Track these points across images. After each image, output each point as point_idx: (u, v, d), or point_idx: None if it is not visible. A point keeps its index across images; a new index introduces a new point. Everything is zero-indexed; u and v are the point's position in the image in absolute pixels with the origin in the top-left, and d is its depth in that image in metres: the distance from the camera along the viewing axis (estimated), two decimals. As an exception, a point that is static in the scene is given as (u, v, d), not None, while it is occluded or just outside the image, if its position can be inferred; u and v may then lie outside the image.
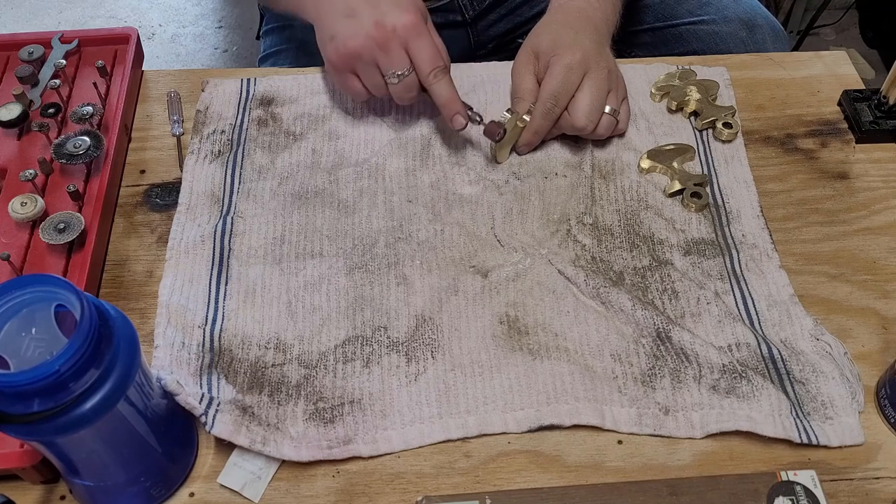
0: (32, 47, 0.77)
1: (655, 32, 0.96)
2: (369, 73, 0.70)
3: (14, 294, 0.46)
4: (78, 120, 0.71)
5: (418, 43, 0.68)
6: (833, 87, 0.81)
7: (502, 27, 1.00)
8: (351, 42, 0.68)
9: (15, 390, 0.42)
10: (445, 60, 0.70)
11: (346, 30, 0.69)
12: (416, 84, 0.70)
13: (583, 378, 0.60)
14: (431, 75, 0.69)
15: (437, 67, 0.69)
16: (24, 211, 0.65)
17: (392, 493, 0.56)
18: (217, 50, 2.03)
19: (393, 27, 0.67)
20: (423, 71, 0.69)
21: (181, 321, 0.62)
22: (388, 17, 0.67)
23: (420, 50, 0.68)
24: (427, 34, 0.69)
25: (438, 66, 0.69)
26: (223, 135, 0.76)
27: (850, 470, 0.57)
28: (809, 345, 0.62)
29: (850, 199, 0.72)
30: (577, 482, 0.56)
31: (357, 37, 0.68)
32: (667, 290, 0.65)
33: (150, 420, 0.51)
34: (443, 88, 0.69)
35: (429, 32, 0.69)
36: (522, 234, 0.69)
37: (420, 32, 0.68)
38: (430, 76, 0.69)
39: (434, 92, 0.70)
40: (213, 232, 0.68)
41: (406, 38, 0.68)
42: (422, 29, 0.68)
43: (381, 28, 0.67)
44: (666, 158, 0.74)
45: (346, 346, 0.62)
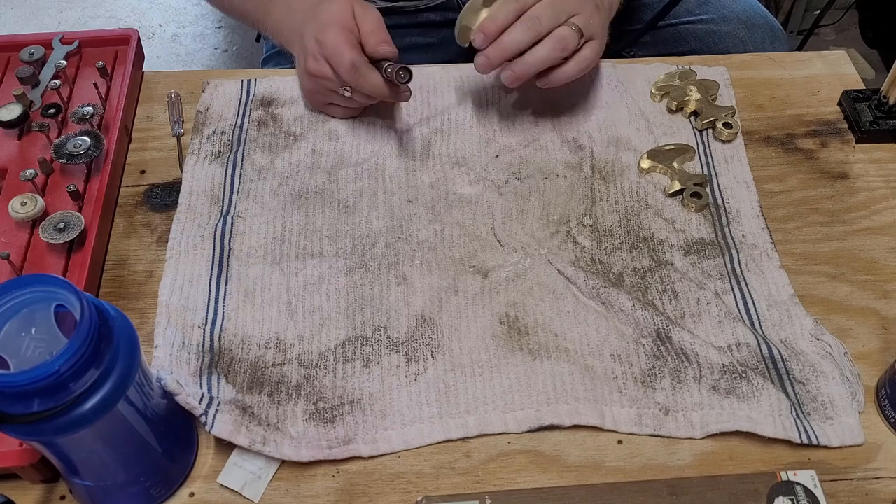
0: (33, 48, 0.78)
1: (654, 31, 0.96)
2: (332, 97, 0.74)
3: (14, 294, 0.46)
4: (78, 120, 0.71)
5: (328, 53, 0.69)
6: (833, 87, 0.81)
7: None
8: (303, 84, 0.75)
9: (15, 390, 0.42)
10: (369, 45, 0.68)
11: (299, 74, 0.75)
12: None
13: (583, 378, 0.60)
14: (349, 78, 0.69)
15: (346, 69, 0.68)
16: (24, 211, 0.65)
17: (392, 493, 0.56)
18: (217, 50, 2.03)
19: (312, 54, 0.70)
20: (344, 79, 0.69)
21: (181, 321, 0.62)
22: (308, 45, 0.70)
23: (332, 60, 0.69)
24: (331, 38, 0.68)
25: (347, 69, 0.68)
26: (223, 135, 0.76)
27: (850, 470, 0.57)
28: (809, 345, 0.62)
29: (850, 199, 0.72)
30: (577, 482, 0.56)
31: (303, 77, 0.74)
32: (667, 290, 0.65)
33: (150, 420, 0.51)
34: (367, 86, 0.69)
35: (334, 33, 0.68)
36: (522, 234, 0.69)
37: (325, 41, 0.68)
38: (349, 80, 0.69)
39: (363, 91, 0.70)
40: (213, 232, 0.68)
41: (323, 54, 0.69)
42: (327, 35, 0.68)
43: (309, 59, 0.71)
44: (666, 158, 0.74)
45: (346, 346, 0.62)
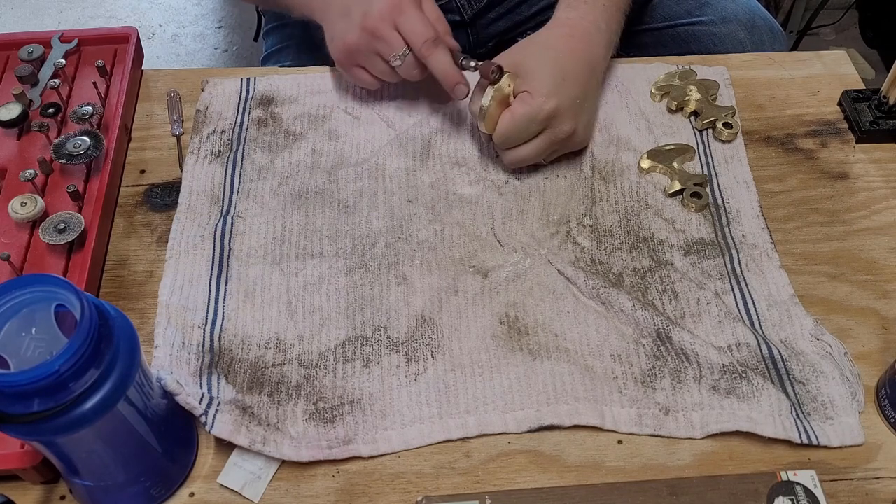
0: (32, 47, 0.77)
1: (654, 33, 0.96)
2: (373, 62, 0.72)
3: (14, 294, 0.46)
4: (78, 120, 0.71)
5: (405, 20, 0.69)
6: (833, 87, 0.81)
7: (501, 26, 1.00)
8: (348, 38, 0.71)
9: (15, 390, 0.42)
10: (439, 30, 0.70)
11: (342, 28, 0.71)
12: (417, 63, 0.70)
13: (583, 378, 0.60)
14: (424, 48, 0.69)
15: (426, 40, 0.68)
16: (24, 211, 0.65)
17: (392, 493, 0.56)
18: (217, 50, 2.03)
19: (379, 14, 0.69)
20: (415, 47, 0.69)
21: (181, 321, 0.62)
22: (374, 5, 0.69)
23: (407, 27, 0.69)
24: (412, 9, 0.69)
25: (428, 39, 0.68)
26: (223, 134, 0.76)
27: (850, 470, 0.57)
28: (809, 345, 0.62)
29: (850, 199, 0.72)
30: (577, 482, 0.56)
31: (351, 32, 0.71)
32: (667, 290, 0.65)
33: (150, 420, 0.51)
34: (437, 61, 0.69)
35: (414, 6, 0.69)
36: (522, 234, 0.69)
37: (403, 9, 0.68)
38: (422, 50, 0.69)
39: (430, 66, 0.70)
40: (213, 232, 0.68)
41: (393, 19, 0.69)
42: (405, 5, 0.69)
43: (369, 17, 0.69)
44: (666, 158, 0.74)
45: (346, 346, 0.62)
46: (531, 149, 0.69)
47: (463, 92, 0.70)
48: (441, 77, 0.70)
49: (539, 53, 0.70)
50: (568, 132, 0.69)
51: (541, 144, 0.69)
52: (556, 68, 0.68)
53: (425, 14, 0.70)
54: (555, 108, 0.67)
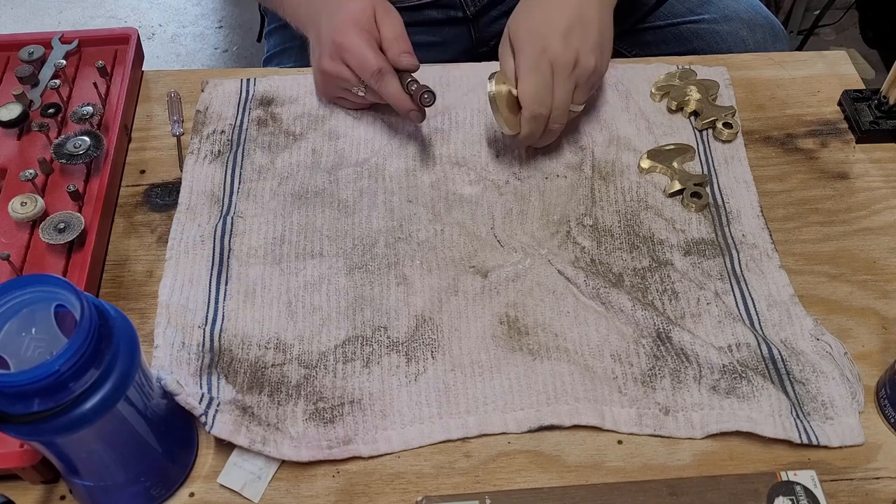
0: (32, 47, 0.77)
1: (656, 31, 0.96)
2: (344, 94, 0.75)
3: (14, 294, 0.46)
4: (78, 120, 0.71)
5: (348, 57, 0.70)
6: (833, 87, 0.81)
7: (503, 24, 0.99)
8: (315, 77, 0.76)
9: (15, 390, 0.42)
10: (392, 53, 0.70)
11: (313, 68, 0.76)
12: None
13: (583, 378, 0.60)
14: (372, 82, 0.70)
15: (371, 74, 0.69)
16: (24, 211, 0.65)
17: (392, 493, 0.56)
18: (217, 50, 2.03)
19: (329, 55, 0.71)
20: (365, 81, 0.71)
21: (181, 321, 0.62)
22: (324, 45, 0.71)
23: (353, 63, 0.70)
24: (354, 45, 0.69)
25: (373, 72, 0.69)
26: (223, 135, 0.76)
27: (850, 470, 0.57)
28: (809, 345, 0.62)
29: (850, 199, 0.72)
30: (577, 482, 0.56)
31: (317, 73, 0.75)
32: (667, 290, 0.65)
33: (150, 420, 0.51)
34: (385, 90, 0.70)
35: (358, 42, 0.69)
36: (522, 234, 0.69)
37: (345, 48, 0.69)
38: (370, 83, 0.70)
39: (382, 96, 0.71)
40: (213, 232, 0.68)
41: (341, 57, 0.70)
42: (347, 43, 0.69)
43: (323, 59, 0.72)
44: (666, 158, 0.74)
45: (346, 346, 0.62)
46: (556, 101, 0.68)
47: (417, 118, 0.72)
48: (394, 105, 0.71)
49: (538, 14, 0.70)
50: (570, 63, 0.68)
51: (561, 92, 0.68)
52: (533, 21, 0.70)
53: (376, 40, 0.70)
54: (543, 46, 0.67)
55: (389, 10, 0.72)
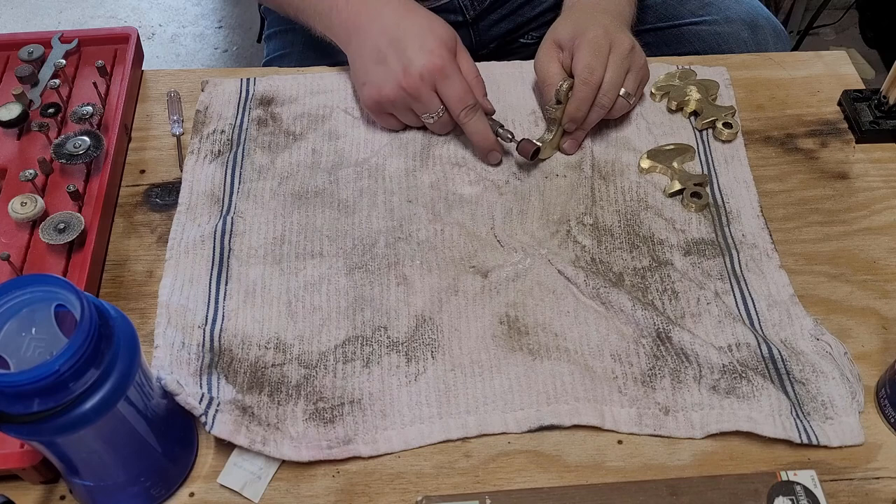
0: (32, 47, 0.77)
1: (657, 33, 0.96)
2: (405, 114, 0.73)
3: (14, 294, 0.46)
4: (78, 120, 0.71)
5: (445, 85, 0.70)
6: (833, 87, 0.81)
7: (504, 27, 1.00)
8: (384, 91, 0.71)
9: (15, 390, 0.42)
10: (478, 92, 0.72)
11: (376, 77, 0.71)
12: (450, 122, 0.72)
13: (583, 378, 0.60)
14: (462, 114, 0.70)
15: (465, 107, 0.70)
16: (24, 211, 0.65)
17: (392, 493, 0.56)
18: (217, 50, 2.03)
19: (420, 74, 0.69)
20: (453, 111, 0.71)
21: (181, 321, 0.62)
22: (415, 63, 0.69)
23: (448, 91, 0.70)
24: (453, 74, 0.70)
25: (467, 106, 0.70)
26: (223, 135, 0.76)
27: (850, 470, 0.57)
28: (809, 345, 0.62)
29: (850, 199, 0.72)
30: (577, 482, 0.56)
31: (387, 85, 0.70)
32: (667, 290, 0.65)
33: (150, 420, 0.51)
34: (474, 127, 0.71)
35: (456, 71, 0.70)
36: (522, 234, 0.69)
37: (446, 74, 0.69)
38: (460, 115, 0.71)
39: (467, 131, 0.72)
40: (213, 232, 0.68)
41: (433, 82, 0.70)
42: (448, 69, 0.69)
43: (409, 76, 0.69)
44: (666, 158, 0.74)
45: (346, 346, 0.62)
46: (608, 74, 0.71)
47: (496, 158, 0.73)
48: (475, 143, 0.72)
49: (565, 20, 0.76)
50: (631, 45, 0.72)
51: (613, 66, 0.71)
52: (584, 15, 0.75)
53: (464, 75, 0.71)
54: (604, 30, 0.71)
55: (463, 48, 0.73)
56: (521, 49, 1.02)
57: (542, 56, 0.74)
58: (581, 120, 0.72)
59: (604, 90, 0.71)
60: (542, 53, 0.75)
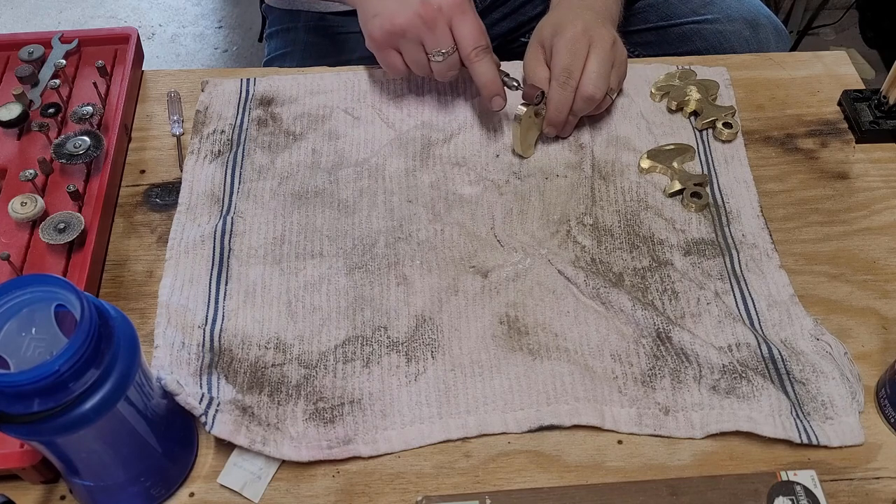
0: (32, 47, 0.77)
1: (658, 31, 0.96)
2: (413, 50, 0.71)
3: (14, 294, 0.46)
4: (78, 120, 0.71)
5: (462, 21, 0.69)
6: (833, 87, 0.81)
7: (505, 26, 1.00)
8: (397, 19, 0.69)
9: (15, 390, 0.42)
10: (487, 40, 0.71)
11: (391, 6, 0.69)
12: (458, 62, 0.71)
13: (583, 378, 0.60)
14: (473, 53, 0.69)
15: (478, 46, 0.69)
16: (24, 211, 0.65)
17: (392, 493, 0.56)
18: (217, 50, 2.03)
19: (439, 5, 0.68)
20: (465, 49, 0.69)
21: (181, 321, 0.62)
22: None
23: (463, 28, 0.69)
24: (471, 12, 0.69)
25: (480, 46, 0.69)
26: (223, 135, 0.76)
27: (850, 470, 0.57)
28: (809, 345, 0.62)
29: (850, 199, 0.72)
30: (577, 482, 0.56)
31: (403, 14, 0.69)
32: (667, 290, 0.65)
33: (150, 420, 0.51)
34: (483, 68, 0.70)
35: (474, 10, 0.70)
36: (522, 234, 0.69)
37: (464, 10, 0.69)
38: (471, 54, 0.69)
39: (475, 71, 0.70)
40: (213, 232, 0.68)
41: (451, 16, 0.68)
42: (466, 7, 0.69)
43: (428, 6, 0.68)
44: (666, 158, 0.74)
45: (346, 346, 0.62)
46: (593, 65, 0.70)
47: (499, 104, 0.72)
48: (482, 85, 0.71)
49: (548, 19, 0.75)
50: (612, 39, 0.72)
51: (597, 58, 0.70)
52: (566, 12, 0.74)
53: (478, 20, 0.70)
54: (583, 25, 0.70)
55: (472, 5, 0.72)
56: (522, 48, 1.01)
57: (529, 58, 0.74)
58: (562, 124, 0.72)
59: (589, 81, 0.70)
60: (528, 56, 0.75)
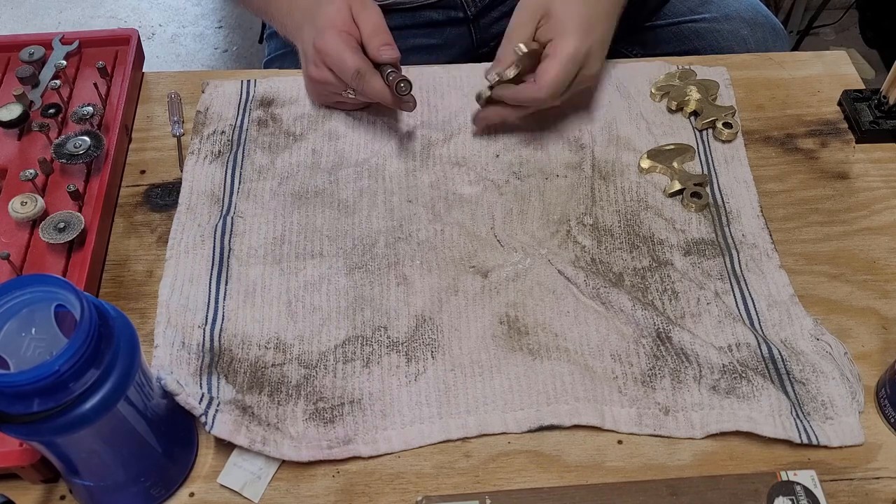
0: (33, 48, 0.77)
1: (657, 30, 0.96)
2: (336, 97, 0.74)
3: (14, 294, 0.46)
4: (78, 120, 0.71)
5: (330, 62, 0.70)
6: (833, 87, 0.81)
7: (504, 25, 0.99)
8: (306, 84, 0.76)
9: (15, 390, 0.43)
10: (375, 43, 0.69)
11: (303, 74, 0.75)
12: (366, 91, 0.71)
13: (583, 378, 0.60)
14: (354, 84, 0.69)
15: (352, 76, 0.69)
16: (24, 210, 0.65)
17: (392, 493, 0.56)
18: (217, 50, 2.03)
19: (313, 61, 0.71)
20: (348, 84, 0.70)
21: (181, 321, 0.62)
22: (308, 52, 0.71)
23: (335, 68, 0.70)
24: (333, 48, 0.68)
25: (353, 74, 0.68)
26: (223, 135, 0.76)
27: (850, 470, 0.57)
28: (809, 345, 0.62)
29: (850, 199, 0.72)
30: (577, 482, 0.56)
31: (305, 78, 0.75)
32: (667, 290, 0.65)
33: (150, 420, 0.51)
34: (368, 91, 0.69)
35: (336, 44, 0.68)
36: (522, 234, 0.69)
37: (327, 51, 0.69)
38: (353, 85, 0.70)
39: (367, 95, 0.70)
40: (213, 232, 0.68)
41: (323, 62, 0.70)
42: (328, 46, 0.68)
43: (308, 65, 0.72)
44: (666, 158, 0.74)
45: (346, 346, 0.62)
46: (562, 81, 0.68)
47: (410, 108, 0.71)
48: (382, 102, 0.71)
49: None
50: (595, 71, 0.71)
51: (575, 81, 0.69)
52: (584, 10, 0.69)
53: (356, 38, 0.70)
54: (588, 49, 0.68)
55: (366, 5, 0.71)
56: None
57: (521, 21, 0.71)
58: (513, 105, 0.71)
59: (549, 88, 0.68)
60: (520, 18, 0.72)
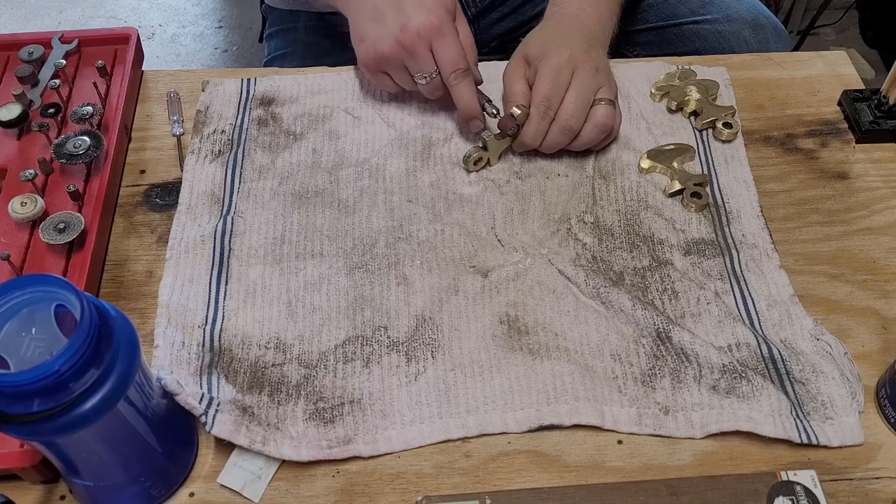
0: (32, 47, 0.77)
1: (658, 31, 0.96)
2: (399, 73, 0.73)
3: (14, 294, 0.46)
4: (78, 120, 0.71)
5: (441, 44, 0.69)
6: (833, 87, 0.81)
7: (504, 26, 1.00)
8: (379, 46, 0.70)
9: (15, 390, 0.42)
10: (471, 58, 0.71)
11: (374, 33, 0.71)
12: (442, 86, 0.72)
13: (583, 378, 0.60)
14: (452, 77, 0.70)
15: (457, 70, 0.70)
16: (24, 211, 0.65)
17: (392, 493, 0.56)
18: (217, 50, 2.03)
19: (417, 31, 0.69)
20: (444, 73, 0.70)
21: (181, 321, 0.62)
22: (413, 20, 0.69)
23: (442, 52, 0.69)
24: (450, 35, 0.70)
25: (459, 69, 0.70)
26: (223, 135, 0.76)
27: (850, 470, 0.57)
28: (809, 345, 0.62)
29: (850, 199, 0.72)
30: (577, 482, 0.56)
31: (384, 41, 0.70)
32: (667, 290, 0.65)
33: (150, 420, 0.51)
34: (461, 91, 0.71)
35: (453, 32, 0.70)
36: (523, 233, 0.69)
37: (443, 33, 0.69)
38: (450, 78, 0.70)
39: (454, 94, 0.71)
40: (213, 232, 0.68)
41: (430, 40, 0.69)
42: (445, 30, 0.69)
43: (406, 32, 0.69)
44: (666, 158, 0.74)
45: (346, 346, 0.62)
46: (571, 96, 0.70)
47: (477, 126, 0.73)
48: (461, 108, 0.72)
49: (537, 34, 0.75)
50: (595, 66, 0.71)
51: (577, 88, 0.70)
52: (556, 33, 0.74)
53: (460, 40, 0.71)
54: (569, 54, 0.70)
55: (461, 16, 0.73)
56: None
57: (510, 70, 0.74)
58: (531, 147, 0.72)
59: (566, 112, 0.70)
60: (510, 67, 0.75)
